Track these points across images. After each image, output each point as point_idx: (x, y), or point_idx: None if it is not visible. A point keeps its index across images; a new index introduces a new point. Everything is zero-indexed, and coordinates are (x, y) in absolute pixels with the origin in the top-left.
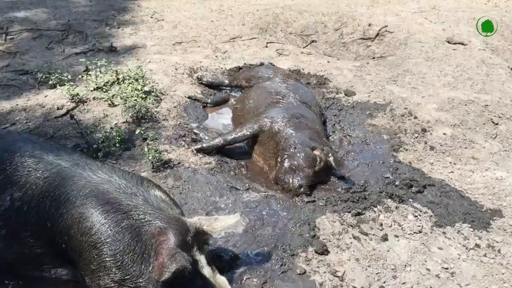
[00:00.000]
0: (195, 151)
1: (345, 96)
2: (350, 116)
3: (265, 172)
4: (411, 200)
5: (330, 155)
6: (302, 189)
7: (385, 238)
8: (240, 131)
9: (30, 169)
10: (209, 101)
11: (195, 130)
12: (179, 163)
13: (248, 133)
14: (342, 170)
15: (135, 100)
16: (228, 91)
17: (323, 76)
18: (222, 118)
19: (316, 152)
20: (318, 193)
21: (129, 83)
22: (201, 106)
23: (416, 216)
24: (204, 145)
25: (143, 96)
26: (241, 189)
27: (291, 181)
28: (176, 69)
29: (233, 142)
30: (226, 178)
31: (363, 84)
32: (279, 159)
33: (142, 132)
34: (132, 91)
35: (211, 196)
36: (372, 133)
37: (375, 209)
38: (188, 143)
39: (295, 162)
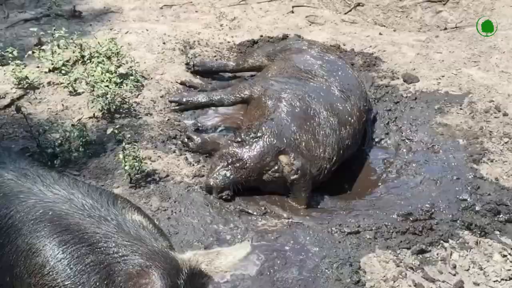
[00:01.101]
0: (169, 103)
1: (404, 83)
2: (411, 111)
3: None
4: (497, 232)
5: (297, 171)
6: (214, 191)
7: (460, 287)
8: (229, 91)
9: None
10: (208, 88)
11: (189, 133)
12: (167, 175)
13: (238, 95)
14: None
15: (107, 86)
16: (230, 74)
17: (372, 54)
18: (228, 113)
19: (283, 158)
20: (364, 221)
21: (99, 62)
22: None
23: (505, 256)
24: (184, 99)
25: (118, 80)
26: (255, 213)
27: (212, 170)
28: (164, 43)
29: (219, 103)
30: (234, 197)
31: (429, 66)
32: (236, 135)
33: (116, 131)
34: (102, 73)
35: (211, 222)
36: (443, 136)
37: (446, 244)
38: (180, 147)
39: (238, 151)
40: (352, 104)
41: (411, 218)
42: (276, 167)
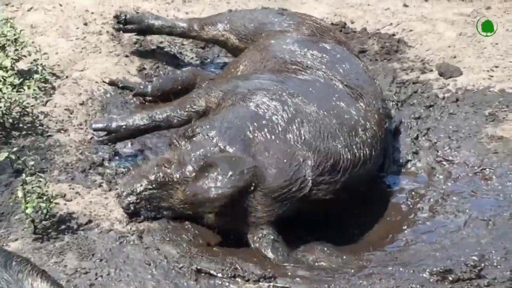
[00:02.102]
0: (92, 130)
1: (439, 77)
2: (451, 119)
3: None
4: None
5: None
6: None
7: None
8: (177, 106)
9: None
10: (149, 89)
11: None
12: (89, 221)
13: (191, 109)
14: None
15: None
16: (192, 61)
17: (393, 36)
18: None
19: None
20: (382, 284)
21: None
22: (136, 100)
23: None
24: (113, 124)
25: (16, 81)
26: (219, 274)
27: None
28: (85, 24)
29: (166, 124)
30: (187, 250)
31: (477, 52)
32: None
33: (12, 157)
34: None
35: None
36: (497, 155)
37: None
38: (108, 178)
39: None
40: (366, 105)
41: (450, 278)
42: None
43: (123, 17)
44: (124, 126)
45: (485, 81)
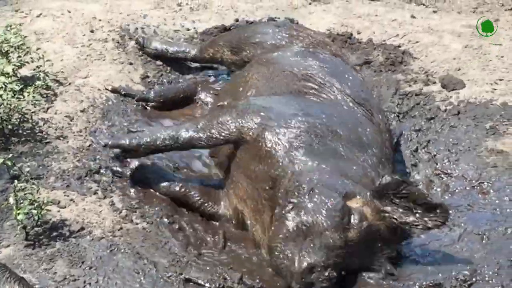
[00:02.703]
0: (108, 147)
1: (442, 89)
2: (451, 132)
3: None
4: None
5: (384, 209)
6: (314, 274)
7: None
8: (204, 127)
9: None
10: (151, 95)
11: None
12: (81, 228)
13: (221, 135)
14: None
15: None
16: (195, 75)
17: (399, 47)
18: None
19: (353, 204)
20: None
21: None
22: (138, 107)
23: None
24: (126, 141)
25: (16, 87)
26: (208, 284)
27: (293, 257)
28: (92, 32)
29: (189, 146)
30: (178, 259)
31: (482, 64)
32: (276, 211)
33: (9, 163)
34: None
35: None
36: (496, 169)
37: None
38: (104, 186)
39: (308, 219)
40: (379, 121)
41: None
42: (355, 218)
43: (144, 46)
44: (143, 145)
45: (488, 94)
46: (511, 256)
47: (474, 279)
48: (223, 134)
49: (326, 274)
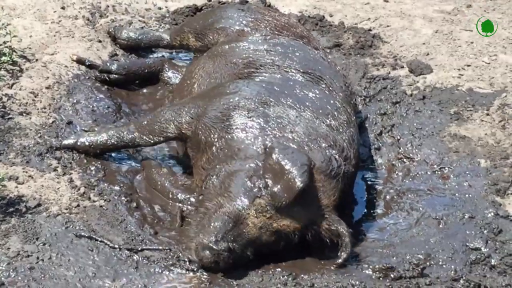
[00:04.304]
0: (60, 148)
1: (410, 74)
2: (416, 117)
3: None
4: None
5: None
6: (207, 253)
7: None
8: (147, 128)
9: None
10: (114, 66)
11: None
12: (38, 205)
13: (161, 134)
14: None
15: None
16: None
17: (369, 31)
18: None
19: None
20: (323, 279)
21: None
22: (103, 83)
23: None
24: (81, 140)
25: None
26: (160, 262)
27: (192, 234)
28: (63, 8)
29: (134, 145)
30: (132, 238)
31: (451, 50)
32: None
33: None
34: None
35: (94, 276)
36: (457, 154)
37: None
38: (65, 163)
39: (214, 197)
40: (328, 85)
41: (392, 275)
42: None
43: (116, 36)
44: (92, 145)
45: (455, 79)
46: (466, 241)
47: (427, 263)
48: (163, 134)
49: (220, 247)
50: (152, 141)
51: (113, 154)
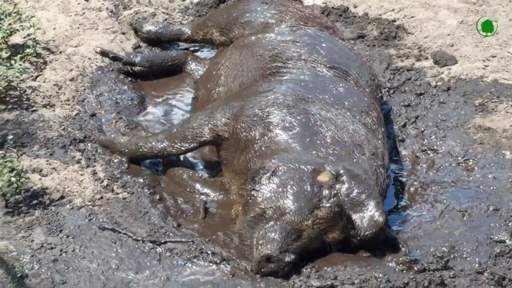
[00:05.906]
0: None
1: (434, 65)
2: (440, 108)
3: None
4: None
5: (350, 182)
6: (272, 264)
7: None
8: (178, 136)
9: None
10: (138, 59)
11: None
12: (61, 197)
13: (195, 140)
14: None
15: None
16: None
17: (393, 22)
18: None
19: (322, 178)
20: (346, 271)
21: None
22: (126, 76)
23: None
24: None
25: (5, 54)
26: (183, 254)
27: (251, 245)
28: (87, 0)
29: (165, 155)
30: (156, 230)
31: (476, 41)
32: (245, 193)
33: None
34: None
35: (118, 269)
36: (482, 146)
37: None
38: (88, 155)
39: (267, 204)
40: (355, 81)
41: (415, 268)
42: (325, 192)
43: (137, 29)
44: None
45: (479, 70)
46: (490, 234)
47: (451, 256)
48: (197, 139)
49: (287, 259)
50: (184, 148)
51: None
